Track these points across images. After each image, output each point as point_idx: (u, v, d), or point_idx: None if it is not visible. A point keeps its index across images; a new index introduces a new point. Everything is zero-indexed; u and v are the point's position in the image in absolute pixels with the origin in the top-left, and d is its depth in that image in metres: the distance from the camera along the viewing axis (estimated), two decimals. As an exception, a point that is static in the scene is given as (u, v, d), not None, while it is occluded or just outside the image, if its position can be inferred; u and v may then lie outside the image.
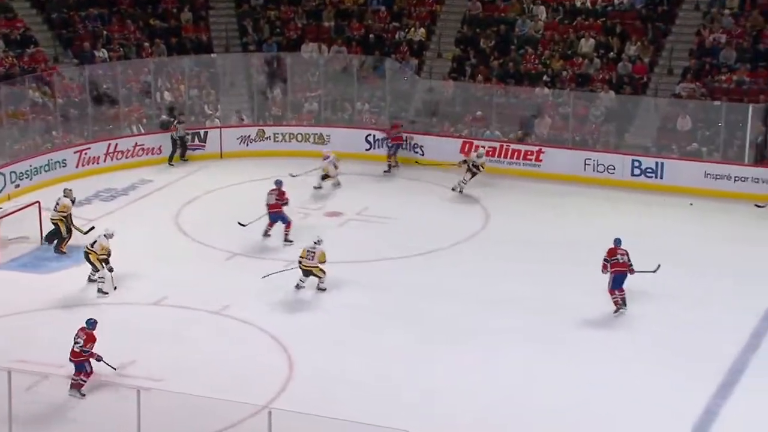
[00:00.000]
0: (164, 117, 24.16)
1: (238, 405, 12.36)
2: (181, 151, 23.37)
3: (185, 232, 19.42)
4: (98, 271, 16.58)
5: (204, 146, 23.81)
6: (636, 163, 22.01)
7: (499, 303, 16.21)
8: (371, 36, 26.62)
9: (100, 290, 16.56)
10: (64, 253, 18.04)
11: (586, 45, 24.98)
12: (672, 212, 20.45)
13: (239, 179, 22.51)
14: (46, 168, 21.80)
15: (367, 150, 23.85)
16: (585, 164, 22.33)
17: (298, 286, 16.64)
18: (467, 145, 23.08)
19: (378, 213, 20.33)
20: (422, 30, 26.52)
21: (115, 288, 16.59)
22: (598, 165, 22.25)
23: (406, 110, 25.13)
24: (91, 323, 13.67)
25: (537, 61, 25.07)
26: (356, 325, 15.68)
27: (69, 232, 18.12)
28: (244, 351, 14.86)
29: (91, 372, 13.50)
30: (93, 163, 22.60)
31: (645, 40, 24.72)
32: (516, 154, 22.70)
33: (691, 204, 18.62)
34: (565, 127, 23.37)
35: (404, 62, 25.74)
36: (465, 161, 21.50)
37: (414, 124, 24.51)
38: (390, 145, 23.08)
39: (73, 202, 18.56)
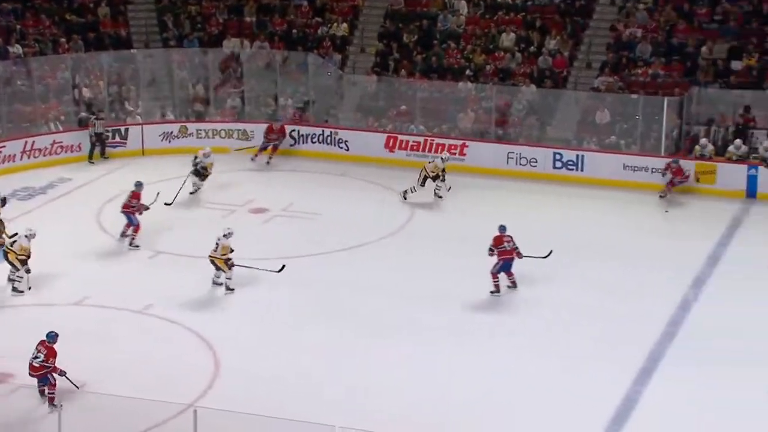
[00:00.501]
0: (83, 114, 23.71)
1: (163, 404, 12.25)
2: (101, 148, 22.97)
3: (107, 231, 19.11)
4: (17, 270, 16.29)
5: (125, 143, 23.44)
6: (557, 156, 22.37)
7: (423, 298, 16.32)
8: (294, 31, 26.52)
9: (14, 289, 16.28)
10: None
11: (507, 39, 25.30)
12: (592, 204, 20.85)
13: (162, 176, 22.16)
14: (-40, 166, 21.28)
15: (291, 146, 23.77)
16: (508, 157, 22.61)
17: (213, 282, 16.53)
18: (391, 140, 23.22)
19: (304, 209, 20.29)
20: (345, 25, 26.52)
21: (30, 288, 16.28)
22: (520, 158, 22.56)
23: (331, 105, 25.12)
24: (52, 336, 13.16)
25: (459, 56, 25.29)
26: (281, 321, 15.63)
27: None
28: (168, 350, 14.69)
29: (56, 383, 13.00)
30: (9, 162, 22.07)
31: (564, 34, 25.14)
32: (440, 148, 22.85)
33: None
34: (488, 120, 23.64)
35: (327, 57, 25.71)
36: (428, 176, 20.47)
37: (337, 118, 24.54)
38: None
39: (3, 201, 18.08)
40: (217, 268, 16.47)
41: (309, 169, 22.84)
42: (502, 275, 16.41)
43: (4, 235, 17.51)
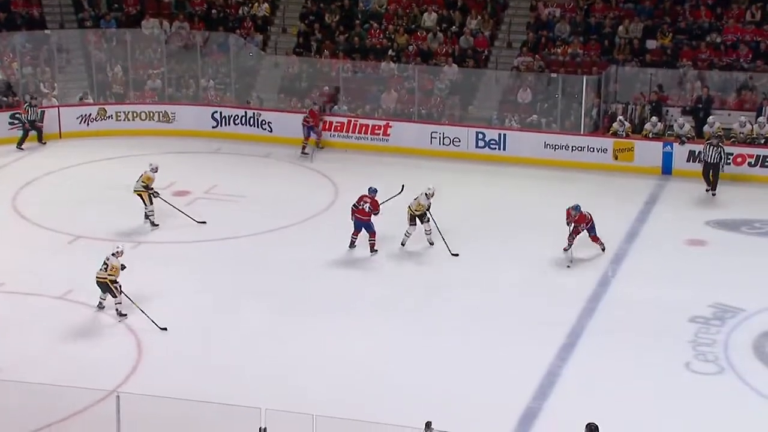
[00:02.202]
0: (2, 98, 23.06)
1: (85, 391, 12.06)
2: (38, 134, 22.35)
3: (23, 216, 18.69)
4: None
5: (41, 126, 22.89)
6: (480, 136, 22.57)
7: (348, 276, 16.36)
8: (214, 11, 26.18)
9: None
10: None
11: (429, 19, 25.39)
12: (514, 182, 21.12)
13: (80, 160, 21.79)
14: None
15: (213, 127, 23.52)
16: (431, 137, 22.74)
17: (99, 306, 15.05)
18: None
19: (227, 191, 20.12)
20: (266, 5, 26.29)
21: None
22: (444, 138, 22.71)
23: (252, 87, 24.91)
24: None
25: (382, 36, 25.29)
26: (204, 304, 15.50)
27: None
28: (90, 336, 14.48)
29: None
30: None
31: (485, 13, 25.33)
32: (364, 128, 22.87)
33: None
34: (411, 100, 23.72)
35: (249, 38, 25.46)
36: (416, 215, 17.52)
37: (260, 100, 24.36)
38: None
39: None
40: (104, 291, 14.99)
41: (232, 150, 22.65)
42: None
43: None
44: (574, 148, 22.02)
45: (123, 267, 14.95)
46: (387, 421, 10.80)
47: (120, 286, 14.86)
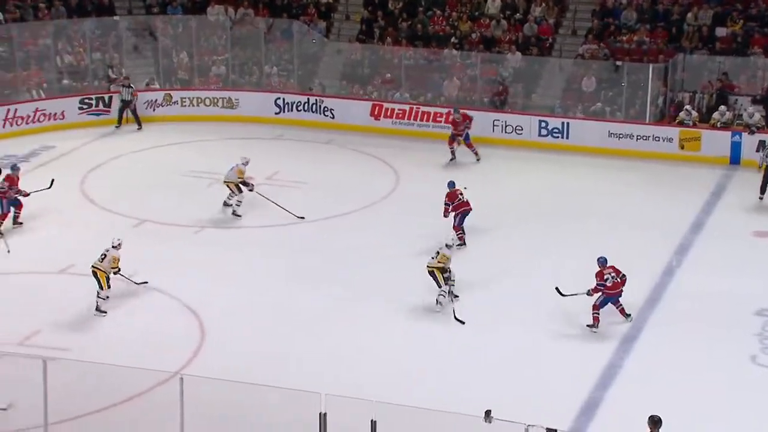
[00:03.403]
0: (112, 74, 23.62)
1: (149, 372, 12.26)
2: (135, 119, 22.79)
3: (91, 199, 19.06)
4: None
5: (109, 111, 23.29)
6: (543, 124, 22.38)
7: (410, 266, 16.34)
8: (278, -2, 26.35)
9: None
10: None
11: (493, 6, 25.21)
12: (577, 171, 20.90)
13: (146, 144, 22.15)
14: (-60, 134, 21.14)
15: (276, 113, 23.69)
16: (493, 125, 22.60)
17: (98, 308, 14.71)
18: (377, 108, 23.16)
19: (289, 177, 20.26)
20: (330, -8, 26.37)
21: (9, 252, 16.23)
22: (506, 126, 22.55)
23: (315, 73, 25.02)
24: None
25: (445, 23, 25.19)
26: (265, 289, 15.64)
27: None
28: (154, 318, 14.73)
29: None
30: (-9, 129, 21.97)
31: (550, 1, 25.07)
32: (425, 116, 22.83)
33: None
34: (474, 88, 23.60)
35: (312, 24, 25.57)
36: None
37: (322, 87, 24.47)
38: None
39: None
40: (99, 285, 14.73)
41: (294, 137, 22.79)
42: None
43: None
44: (638, 137, 21.71)
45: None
46: (446, 408, 10.79)
47: (109, 280, 14.56)
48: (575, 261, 16.42)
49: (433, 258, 14.98)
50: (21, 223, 17.55)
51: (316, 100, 23.56)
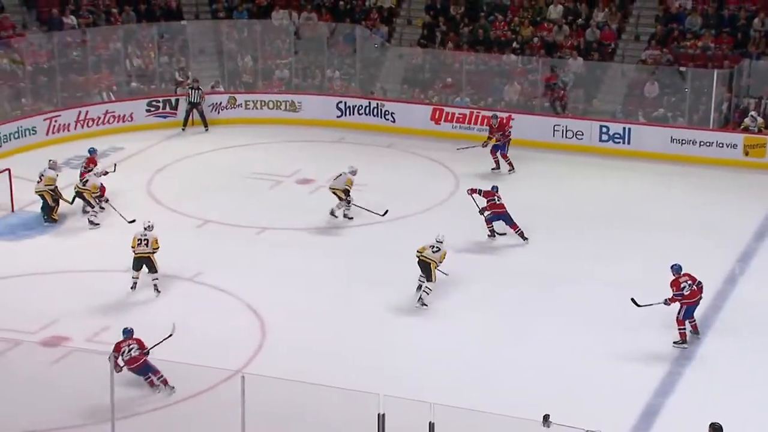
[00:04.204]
0: (179, 78, 24.15)
1: (212, 370, 12.54)
2: (202, 120, 23.28)
3: (157, 200, 19.49)
4: (93, 207, 17.98)
5: (175, 113, 23.77)
6: (604, 129, 22.27)
7: (471, 269, 16.42)
8: (341, 3, 26.59)
9: (90, 222, 17.98)
10: (56, 220, 18.15)
11: (555, 11, 25.15)
12: (638, 177, 20.77)
13: (211, 146, 22.56)
14: (16, 135, 21.72)
15: (338, 117, 23.95)
16: (554, 130, 22.57)
17: (134, 287, 15.61)
18: (437, 112, 23.28)
19: (349, 180, 20.46)
20: (392, -3, 26.55)
21: (133, 221, 16.75)
22: (566, 131, 22.50)
23: (376, 77, 25.23)
24: (128, 332, 13.08)
25: (506, 28, 25.21)
26: (328, 290, 15.86)
27: (56, 201, 18.19)
28: (217, 317, 15.03)
29: (157, 369, 12.86)
30: (63, 131, 22.50)
31: (612, 6, 24.92)
32: (486, 120, 22.87)
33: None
34: (534, 93, 23.59)
35: (374, 29, 25.78)
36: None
37: (383, 91, 24.65)
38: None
39: (57, 176, 18.50)
40: (148, 267, 15.60)
41: (356, 140, 23.01)
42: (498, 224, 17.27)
43: (61, 199, 18.22)
44: (702, 143, 21.49)
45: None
46: (503, 412, 10.86)
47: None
48: (636, 267, 16.37)
49: (435, 252, 15.13)
50: (102, 208, 18.51)
51: (377, 103, 23.76)
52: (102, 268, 16.51)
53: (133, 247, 15.58)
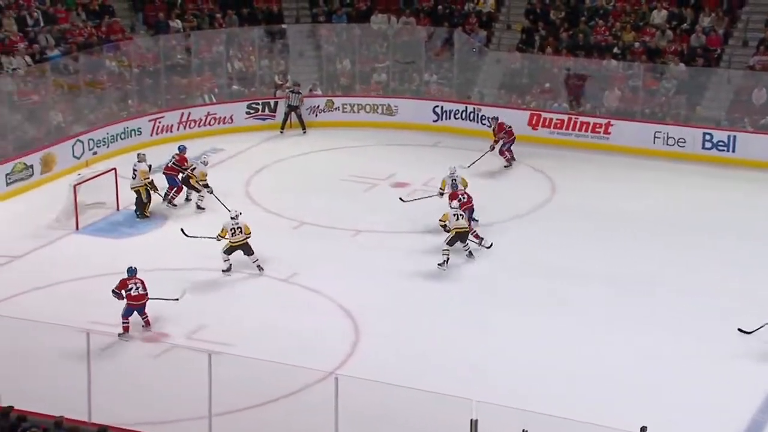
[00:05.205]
0: (278, 81, 24.58)
1: (306, 371, 12.66)
2: (300, 123, 23.59)
3: (255, 201, 19.80)
4: (199, 191, 19.00)
5: (274, 116, 24.13)
6: (707, 137, 21.73)
7: (570, 276, 16.22)
8: (440, 7, 26.58)
9: (198, 206, 19.08)
10: (148, 216, 18.64)
11: (659, 16, 24.62)
12: (743, 186, 20.20)
13: (308, 149, 22.82)
14: (122, 136, 22.37)
15: (434, 121, 23.93)
16: (655, 137, 22.11)
17: (229, 269, 16.44)
18: (535, 117, 23.05)
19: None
20: (492, 1, 26.38)
21: (239, 213, 16.68)
22: (668, 138, 22.02)
23: (473, 82, 25.12)
24: (133, 270, 14.74)
25: (607, 33, 24.79)
26: (423, 294, 15.88)
27: (149, 196, 18.69)
28: (311, 318, 15.17)
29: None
30: (167, 132, 23.05)
31: (720, 11, 24.27)
32: (584, 126, 22.56)
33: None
34: (635, 99, 23.14)
35: (473, 34, 25.68)
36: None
37: (481, 95, 24.53)
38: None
39: (149, 167, 19.00)
40: (246, 252, 16.44)
41: (452, 144, 22.95)
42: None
43: (154, 193, 18.83)
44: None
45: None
46: (598, 422, 10.67)
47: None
48: (736, 280, 15.91)
49: (459, 218, 16.45)
50: (175, 205, 19.14)
51: (474, 108, 23.66)
52: (202, 267, 16.82)
53: (225, 238, 16.28)
